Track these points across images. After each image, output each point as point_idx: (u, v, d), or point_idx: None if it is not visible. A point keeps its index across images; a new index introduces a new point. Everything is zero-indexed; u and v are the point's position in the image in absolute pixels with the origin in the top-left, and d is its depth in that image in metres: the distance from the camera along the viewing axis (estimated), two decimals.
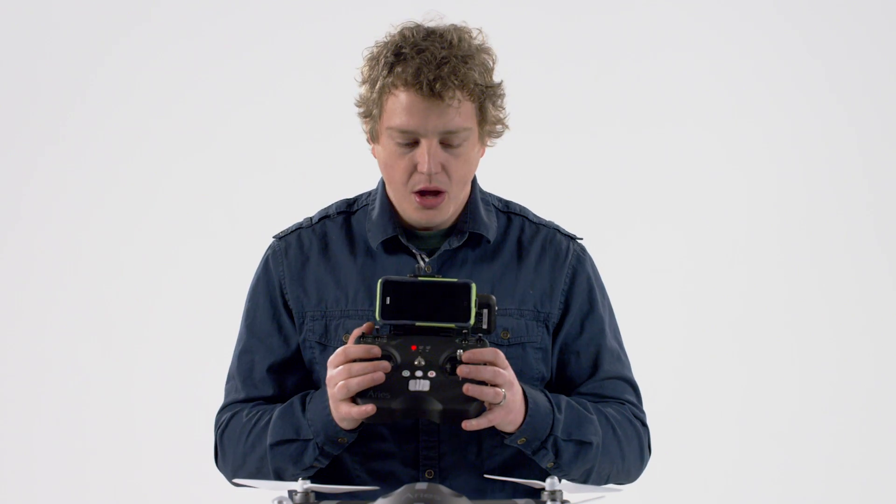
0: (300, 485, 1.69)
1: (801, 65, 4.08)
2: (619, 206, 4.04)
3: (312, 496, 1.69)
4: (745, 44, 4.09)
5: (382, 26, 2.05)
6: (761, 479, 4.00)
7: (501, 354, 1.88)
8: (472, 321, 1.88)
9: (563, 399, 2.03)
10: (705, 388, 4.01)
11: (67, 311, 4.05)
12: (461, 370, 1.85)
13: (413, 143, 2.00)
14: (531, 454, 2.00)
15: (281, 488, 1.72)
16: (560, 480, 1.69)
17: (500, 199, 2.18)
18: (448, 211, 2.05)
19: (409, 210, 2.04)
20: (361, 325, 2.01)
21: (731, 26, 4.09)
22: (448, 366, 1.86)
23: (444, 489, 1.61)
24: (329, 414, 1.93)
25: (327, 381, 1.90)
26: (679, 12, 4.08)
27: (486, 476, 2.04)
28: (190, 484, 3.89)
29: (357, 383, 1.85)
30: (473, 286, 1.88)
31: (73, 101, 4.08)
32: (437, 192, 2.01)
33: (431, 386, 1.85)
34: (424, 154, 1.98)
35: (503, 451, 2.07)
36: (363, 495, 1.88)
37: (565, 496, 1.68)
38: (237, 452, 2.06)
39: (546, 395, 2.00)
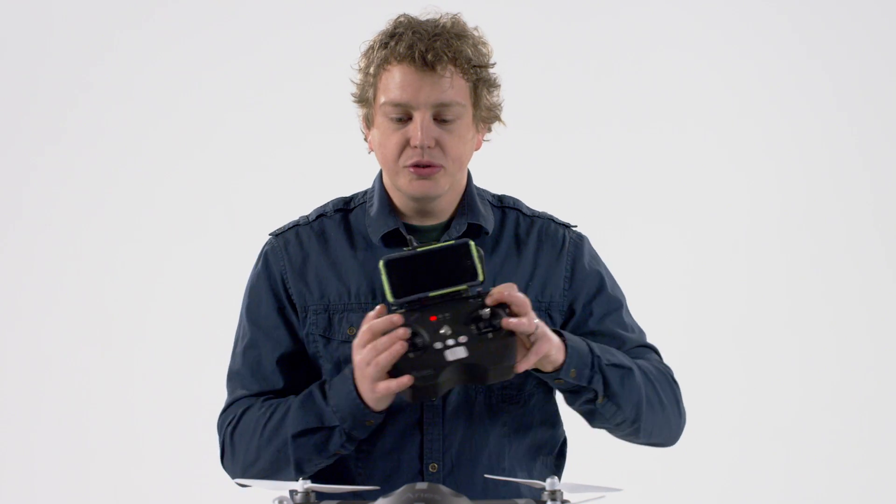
0: (300, 485, 1.69)
1: (800, 63, 4.08)
2: (619, 206, 4.03)
3: (313, 496, 1.69)
4: (744, 43, 4.09)
5: (381, 26, 2.05)
6: (762, 478, 4.00)
7: (513, 285, 1.87)
8: (481, 277, 1.86)
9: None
10: (705, 387, 4.00)
11: (66, 309, 4.05)
12: (506, 323, 1.82)
13: (407, 119, 2.00)
14: (586, 385, 1.97)
15: (282, 488, 1.71)
16: (560, 479, 1.68)
17: (492, 194, 2.18)
18: (443, 185, 2.03)
19: (405, 184, 2.02)
20: (364, 317, 2.01)
21: (730, 25, 4.09)
22: (473, 326, 1.84)
23: (444, 489, 1.61)
24: (356, 398, 1.91)
25: (356, 365, 1.88)
26: (678, 12, 4.08)
27: (486, 476, 2.04)
28: (190, 484, 3.89)
29: (385, 359, 1.83)
30: (472, 243, 1.86)
31: (72, 101, 4.08)
32: (430, 165, 2.01)
33: (468, 350, 1.82)
34: (417, 128, 1.98)
35: (505, 449, 2.07)
36: (363, 495, 1.88)
37: (565, 496, 1.67)
38: (251, 447, 2.03)
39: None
